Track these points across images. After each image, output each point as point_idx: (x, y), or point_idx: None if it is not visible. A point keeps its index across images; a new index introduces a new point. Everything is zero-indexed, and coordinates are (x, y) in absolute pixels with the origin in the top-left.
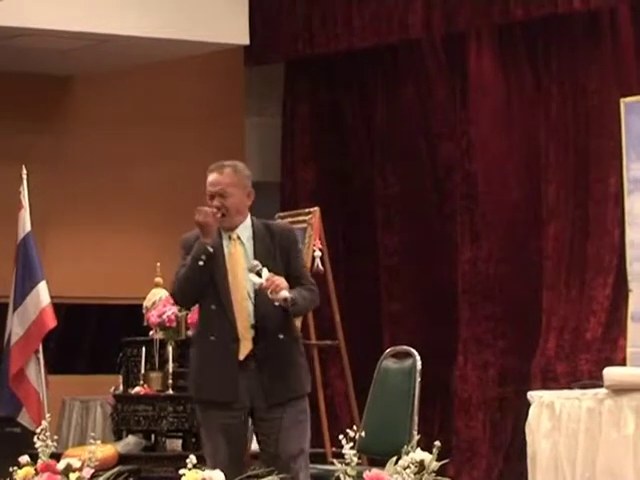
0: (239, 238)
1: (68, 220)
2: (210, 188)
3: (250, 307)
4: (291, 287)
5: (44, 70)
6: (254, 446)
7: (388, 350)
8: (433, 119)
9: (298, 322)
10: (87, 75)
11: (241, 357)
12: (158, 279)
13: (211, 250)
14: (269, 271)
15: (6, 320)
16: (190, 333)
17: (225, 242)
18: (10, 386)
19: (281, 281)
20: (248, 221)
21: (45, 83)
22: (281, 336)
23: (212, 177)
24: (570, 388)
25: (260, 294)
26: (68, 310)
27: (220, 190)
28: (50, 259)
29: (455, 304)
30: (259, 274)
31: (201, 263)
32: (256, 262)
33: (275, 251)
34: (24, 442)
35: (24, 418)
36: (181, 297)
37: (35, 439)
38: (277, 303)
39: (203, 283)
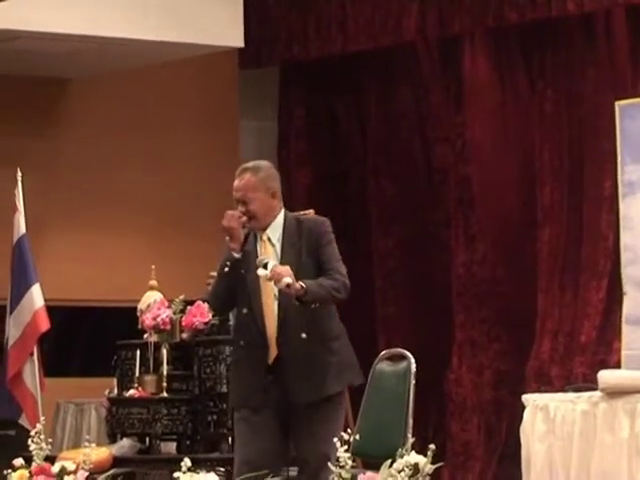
0: (269, 239)
1: (63, 223)
2: (234, 194)
3: (277, 309)
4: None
5: (40, 73)
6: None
7: (383, 353)
8: (428, 122)
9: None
10: (83, 78)
11: (270, 361)
12: (153, 282)
13: (237, 256)
14: (297, 270)
15: (5, 323)
16: (184, 336)
17: (258, 243)
18: (9, 389)
19: (283, 269)
20: (280, 219)
21: (41, 86)
22: (304, 335)
23: (235, 183)
24: (564, 391)
25: (282, 294)
26: (63, 313)
27: (242, 196)
28: (45, 262)
29: (450, 307)
30: (266, 267)
31: (226, 269)
32: (263, 257)
33: (302, 249)
34: (18, 445)
35: (25, 420)
36: (213, 303)
37: (29, 442)
38: (294, 302)
39: (231, 289)
